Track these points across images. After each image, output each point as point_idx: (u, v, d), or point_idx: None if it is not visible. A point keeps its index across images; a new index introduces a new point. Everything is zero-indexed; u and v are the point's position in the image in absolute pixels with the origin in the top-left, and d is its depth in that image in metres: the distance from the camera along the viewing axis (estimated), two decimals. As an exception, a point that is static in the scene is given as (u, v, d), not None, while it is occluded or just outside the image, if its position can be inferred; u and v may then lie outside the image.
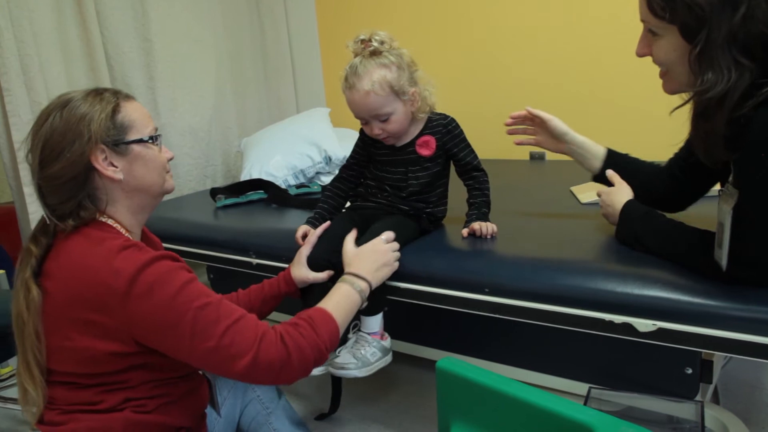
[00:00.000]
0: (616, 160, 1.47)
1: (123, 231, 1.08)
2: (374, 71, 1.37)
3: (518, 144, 1.57)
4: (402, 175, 1.51)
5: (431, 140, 1.48)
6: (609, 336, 1.20)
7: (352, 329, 1.42)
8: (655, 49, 1.07)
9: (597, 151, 1.48)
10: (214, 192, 2.29)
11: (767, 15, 0.92)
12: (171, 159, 1.18)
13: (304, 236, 1.52)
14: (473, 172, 1.52)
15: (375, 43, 1.38)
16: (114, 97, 1.08)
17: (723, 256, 1.05)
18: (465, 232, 1.49)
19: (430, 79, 1.47)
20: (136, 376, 1.02)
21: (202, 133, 2.79)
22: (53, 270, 1.02)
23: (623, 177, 1.41)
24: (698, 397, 1.44)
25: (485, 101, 2.80)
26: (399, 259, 1.40)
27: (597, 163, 1.48)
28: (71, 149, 1.01)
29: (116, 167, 1.05)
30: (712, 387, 1.53)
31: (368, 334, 1.39)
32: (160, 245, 1.26)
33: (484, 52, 2.76)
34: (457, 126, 1.51)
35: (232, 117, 2.96)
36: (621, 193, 1.37)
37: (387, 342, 1.42)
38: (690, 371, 1.41)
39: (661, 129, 2.36)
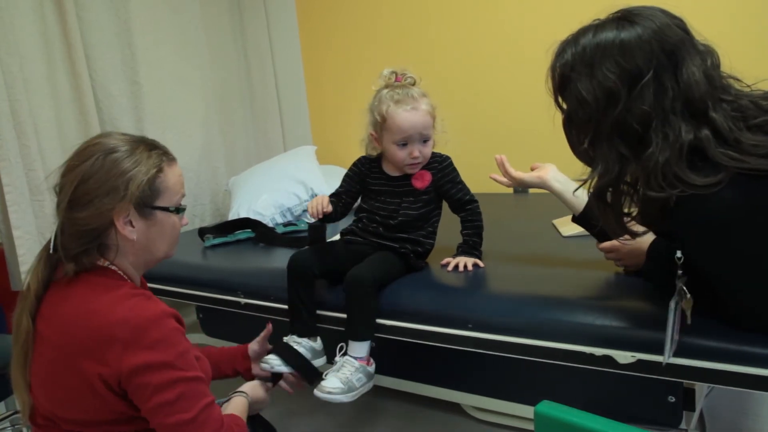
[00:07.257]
0: None
1: (126, 278, 1.07)
2: (424, 97, 1.50)
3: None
4: (396, 206, 1.56)
5: (426, 174, 1.56)
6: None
7: (339, 352, 1.43)
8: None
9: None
10: (202, 231, 2.31)
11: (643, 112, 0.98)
12: (184, 225, 1.18)
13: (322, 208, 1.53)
14: (466, 206, 1.58)
15: (410, 78, 1.52)
16: (160, 159, 1.08)
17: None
18: (447, 263, 1.55)
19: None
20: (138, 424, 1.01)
21: (191, 172, 2.81)
22: (52, 316, 1.01)
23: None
24: (682, 425, 1.46)
25: (467, 135, 2.84)
26: (387, 300, 1.46)
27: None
28: (102, 200, 0.99)
29: (133, 228, 1.04)
30: (696, 414, 1.54)
31: (355, 358, 1.40)
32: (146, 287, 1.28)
33: (462, 88, 2.82)
34: (451, 164, 1.59)
35: (220, 156, 3.00)
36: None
37: (372, 367, 1.44)
38: (673, 400, 1.43)
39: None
